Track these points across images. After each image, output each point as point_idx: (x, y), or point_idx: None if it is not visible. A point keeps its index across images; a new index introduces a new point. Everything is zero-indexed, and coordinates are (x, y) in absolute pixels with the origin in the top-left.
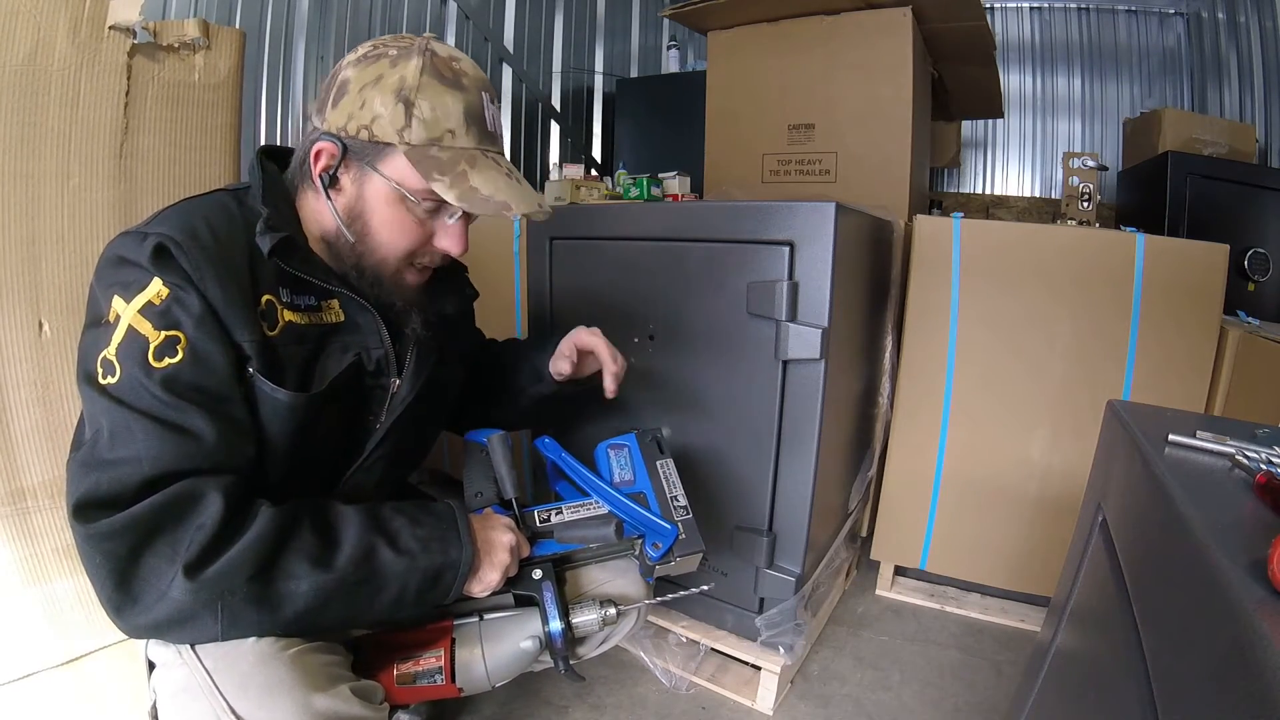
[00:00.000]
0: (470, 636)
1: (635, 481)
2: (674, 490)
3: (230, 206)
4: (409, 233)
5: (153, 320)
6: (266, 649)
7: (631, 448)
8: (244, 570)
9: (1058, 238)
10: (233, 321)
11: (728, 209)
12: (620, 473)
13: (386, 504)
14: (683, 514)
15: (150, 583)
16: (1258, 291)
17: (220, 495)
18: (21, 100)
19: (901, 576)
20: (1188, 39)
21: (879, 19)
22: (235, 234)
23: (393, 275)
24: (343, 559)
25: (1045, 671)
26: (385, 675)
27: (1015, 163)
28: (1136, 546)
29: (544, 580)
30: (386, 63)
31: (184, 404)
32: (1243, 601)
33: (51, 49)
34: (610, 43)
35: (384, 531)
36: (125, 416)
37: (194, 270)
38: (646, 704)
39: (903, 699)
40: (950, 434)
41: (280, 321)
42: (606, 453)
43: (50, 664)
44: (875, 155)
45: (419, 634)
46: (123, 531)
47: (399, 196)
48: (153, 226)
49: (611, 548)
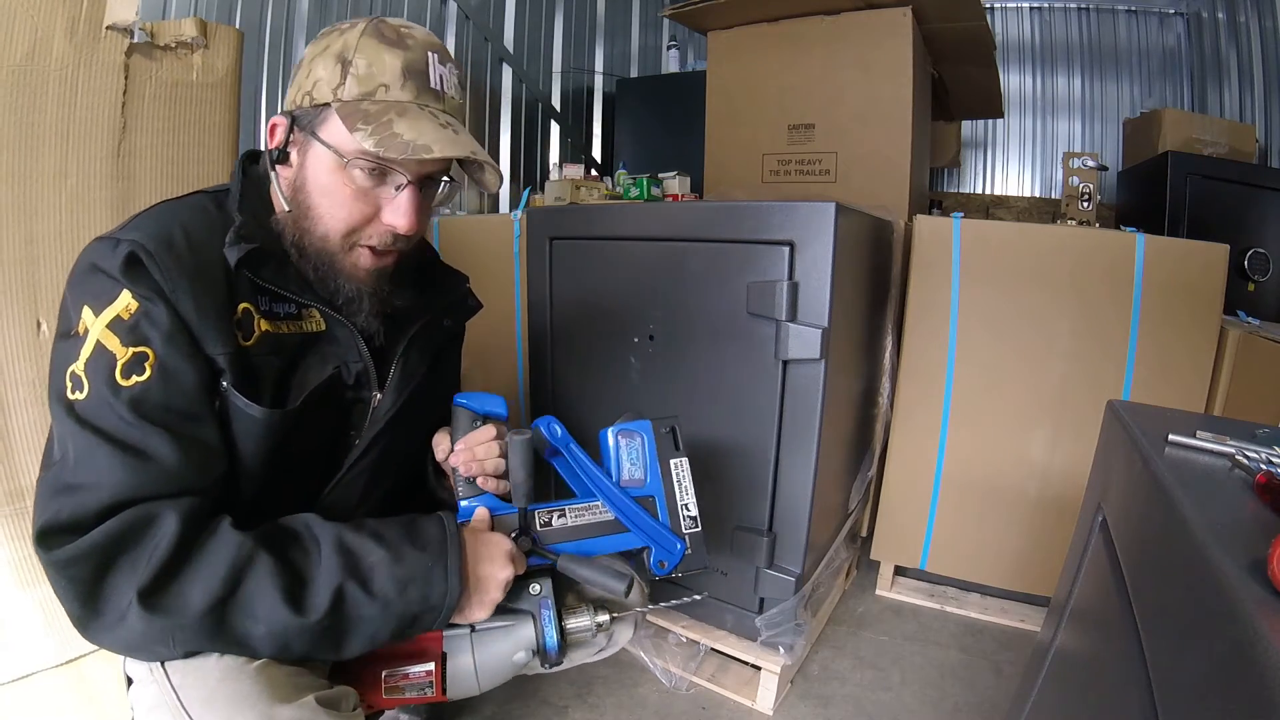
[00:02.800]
0: (461, 648)
1: (646, 481)
2: (685, 497)
3: (209, 210)
4: (347, 203)
5: (121, 335)
6: (231, 662)
7: (646, 439)
8: (197, 601)
9: (1058, 238)
10: (205, 334)
11: (728, 209)
12: (630, 468)
13: (369, 526)
14: (691, 525)
15: (113, 604)
16: (1258, 291)
17: (176, 517)
18: (19, 99)
19: (901, 576)
20: (1188, 39)
21: (879, 19)
22: (213, 239)
23: (341, 256)
24: (308, 603)
25: (1045, 671)
26: (371, 688)
27: (1015, 163)
28: (1136, 546)
29: (542, 597)
30: (335, 34)
31: (149, 426)
32: (1243, 601)
33: (49, 48)
34: (610, 43)
35: (357, 572)
36: (90, 440)
37: (165, 281)
38: (646, 704)
39: (903, 699)
40: (950, 434)
41: (256, 331)
42: (617, 440)
43: (49, 664)
44: (875, 155)
45: (406, 644)
46: (83, 558)
47: (336, 163)
48: (126, 232)
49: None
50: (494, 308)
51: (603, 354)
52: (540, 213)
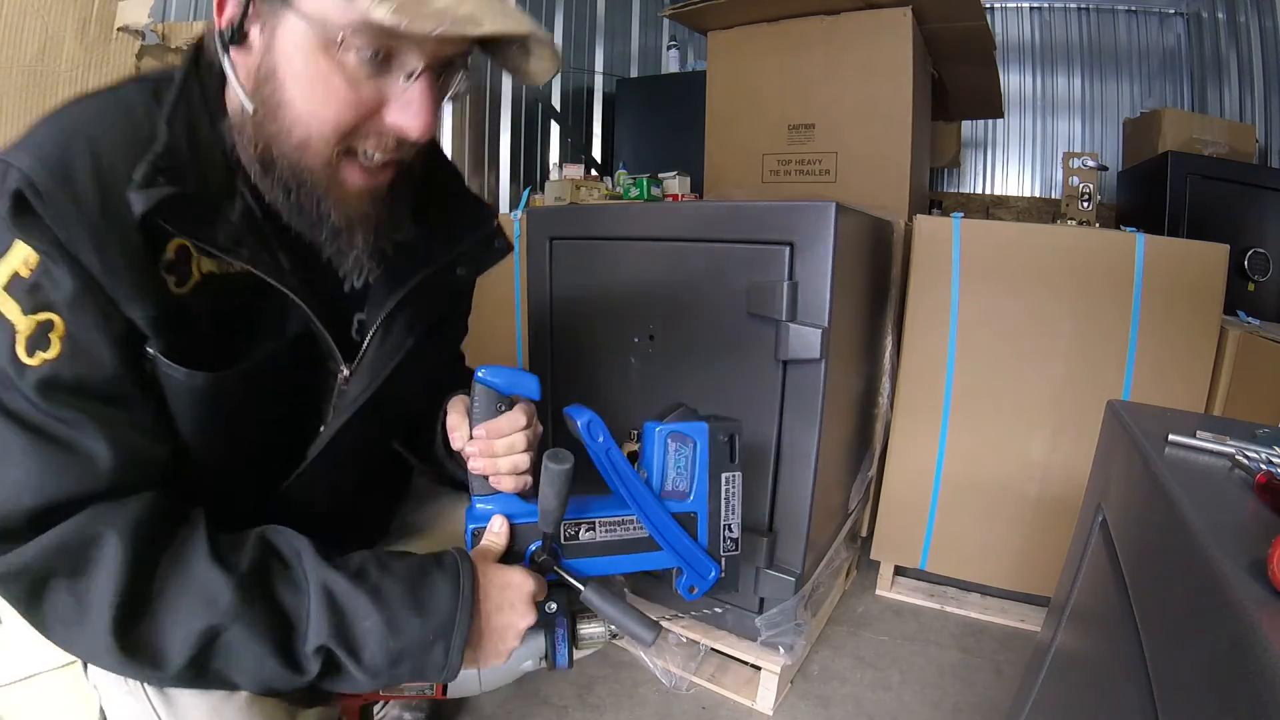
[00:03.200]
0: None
1: (690, 496)
2: (732, 516)
3: (136, 114)
4: (337, 96)
5: (20, 300)
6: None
7: (700, 445)
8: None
9: (1058, 238)
10: (120, 292)
11: (728, 209)
12: (675, 477)
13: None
14: (730, 549)
15: (61, 631)
16: (1258, 291)
17: (119, 540)
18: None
19: (901, 576)
20: (1188, 39)
21: (879, 19)
22: (131, 160)
23: (323, 171)
24: (298, 659)
25: (1045, 671)
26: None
27: (1015, 163)
28: (1136, 546)
29: (559, 615)
30: None
31: (67, 413)
32: (1243, 601)
33: (59, 49)
34: (610, 43)
35: (345, 637)
36: (1, 431)
37: (62, 230)
38: (646, 704)
39: (903, 699)
40: (950, 434)
41: (194, 275)
42: (666, 442)
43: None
44: (875, 155)
45: None
46: (15, 576)
47: (321, 41)
48: (15, 153)
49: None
50: (494, 307)
51: (603, 354)
52: (540, 213)
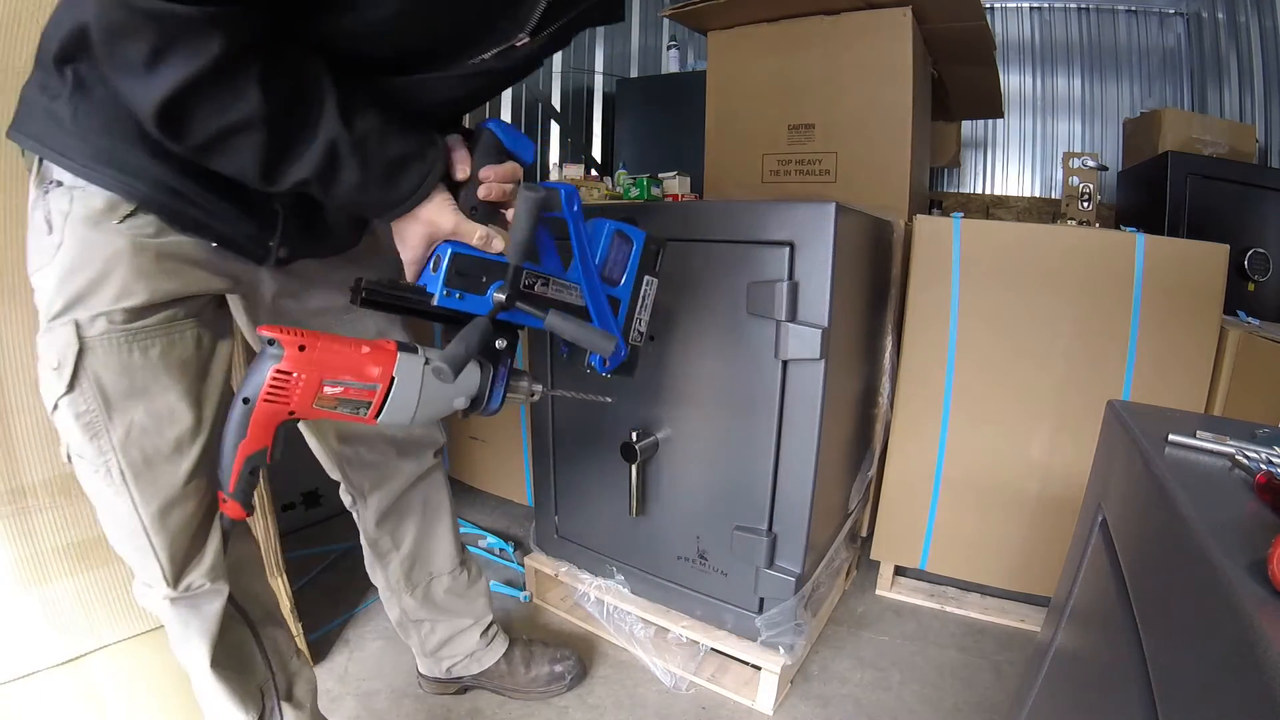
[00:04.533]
0: (412, 377)
1: (620, 284)
2: (644, 314)
3: None
4: None
5: None
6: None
7: (635, 247)
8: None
9: (1058, 238)
10: None
11: (728, 209)
12: (612, 266)
13: (368, 142)
14: (638, 339)
15: (123, 75)
16: (1258, 291)
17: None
18: None
19: (901, 576)
20: (1188, 39)
21: (879, 19)
22: None
23: None
24: (278, 176)
25: (1045, 671)
26: (305, 396)
27: (1015, 163)
28: (1136, 546)
29: (503, 355)
30: None
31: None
32: (1243, 601)
33: None
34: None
35: (325, 179)
36: None
37: None
38: (646, 704)
39: (903, 699)
40: (950, 434)
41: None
42: (612, 236)
43: (50, 663)
44: (875, 155)
45: (361, 359)
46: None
47: None
48: None
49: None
50: None
51: None
52: None
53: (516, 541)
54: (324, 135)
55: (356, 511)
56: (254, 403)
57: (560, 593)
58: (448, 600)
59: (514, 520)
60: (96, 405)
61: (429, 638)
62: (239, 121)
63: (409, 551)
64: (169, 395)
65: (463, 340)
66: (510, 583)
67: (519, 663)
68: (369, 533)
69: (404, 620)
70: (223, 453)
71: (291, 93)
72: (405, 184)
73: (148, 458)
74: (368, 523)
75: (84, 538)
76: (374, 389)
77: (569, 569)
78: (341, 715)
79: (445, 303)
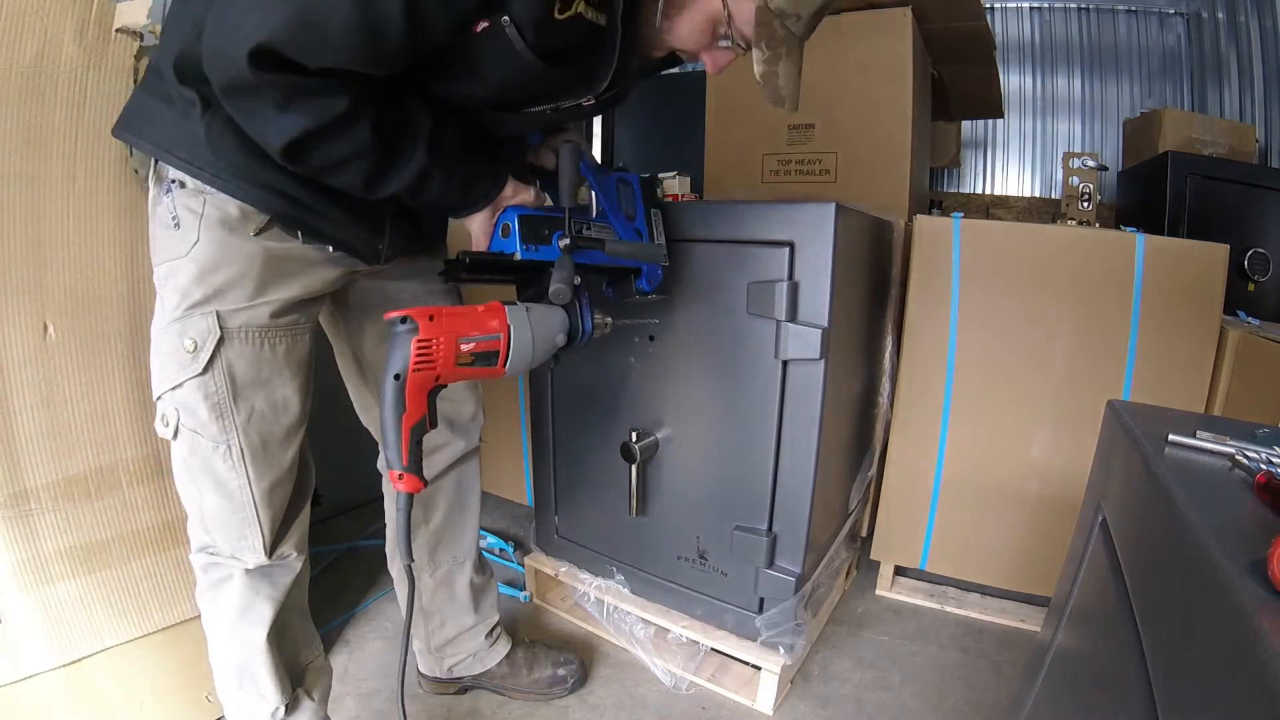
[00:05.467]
0: (522, 323)
1: (636, 219)
2: (661, 238)
3: None
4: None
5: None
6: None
7: (636, 187)
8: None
9: (1058, 238)
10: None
11: (728, 209)
12: (625, 206)
13: (454, 160)
14: (663, 259)
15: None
16: (1258, 291)
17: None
18: (28, 102)
19: (901, 576)
20: (1188, 39)
21: (879, 19)
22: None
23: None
24: (378, 186)
25: (1045, 671)
26: (446, 357)
27: (1015, 163)
28: (1136, 546)
29: (581, 289)
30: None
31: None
32: (1243, 601)
33: (58, 51)
34: None
35: (415, 192)
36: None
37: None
38: (646, 704)
39: (903, 699)
40: (950, 434)
41: (573, 9)
42: (616, 183)
43: (51, 665)
44: (875, 155)
45: (473, 311)
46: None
47: (717, 17)
48: None
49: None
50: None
51: (603, 353)
52: None
53: (516, 541)
54: (418, 160)
55: None
56: (405, 376)
57: (560, 593)
58: (464, 596)
59: (514, 520)
60: (225, 389)
61: (437, 632)
62: (351, 154)
63: (437, 526)
64: (286, 388)
65: (559, 271)
66: (510, 583)
67: (521, 664)
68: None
69: (416, 606)
70: (386, 433)
71: (396, 128)
72: (477, 192)
73: (265, 440)
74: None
75: (86, 540)
76: (498, 338)
77: (569, 569)
78: (342, 715)
79: (527, 255)
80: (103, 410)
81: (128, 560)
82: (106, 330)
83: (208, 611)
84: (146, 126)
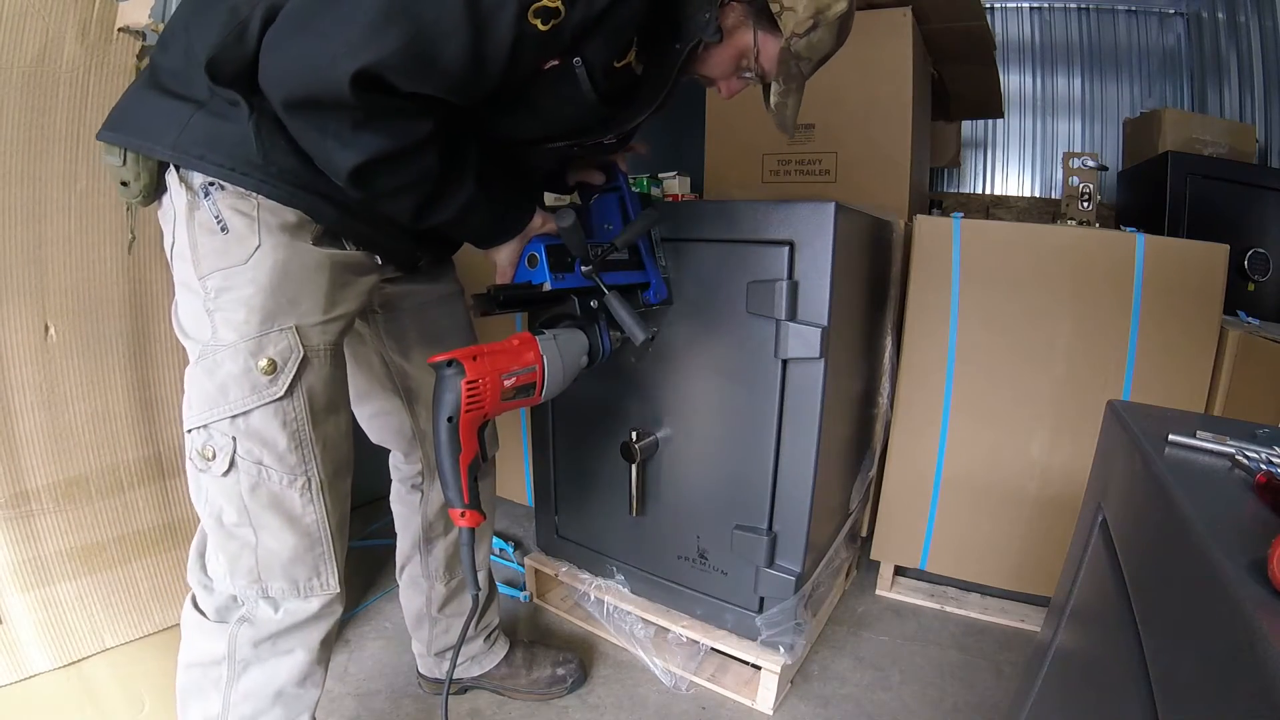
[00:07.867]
0: (552, 352)
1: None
2: (664, 260)
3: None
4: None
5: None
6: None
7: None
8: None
9: (1058, 238)
10: (610, 35)
11: (728, 209)
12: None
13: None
14: (666, 273)
15: (318, 146)
16: (1258, 291)
17: (435, 149)
18: (29, 102)
19: (901, 576)
20: (1188, 39)
21: (879, 19)
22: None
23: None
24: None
25: (1045, 671)
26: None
27: (1015, 163)
28: (1136, 546)
29: (599, 312)
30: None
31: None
32: (1243, 601)
33: (60, 50)
34: None
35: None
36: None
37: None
38: (646, 704)
39: (903, 699)
40: (950, 434)
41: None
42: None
43: (51, 665)
44: (875, 155)
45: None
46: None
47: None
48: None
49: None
50: None
51: None
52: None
53: (516, 541)
54: (466, 191)
55: (421, 491)
56: (458, 419)
57: (560, 592)
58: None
59: (514, 520)
60: (304, 415)
61: (440, 638)
62: (416, 180)
63: (455, 538)
64: (346, 411)
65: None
66: (510, 583)
67: (521, 664)
68: (429, 515)
69: (424, 613)
70: (444, 474)
71: (452, 159)
72: (512, 225)
73: (337, 470)
74: (431, 504)
75: (86, 542)
76: (534, 369)
77: (569, 569)
78: (341, 715)
79: (557, 285)
80: (103, 411)
81: (128, 561)
82: (107, 331)
83: (257, 681)
84: (159, 129)
